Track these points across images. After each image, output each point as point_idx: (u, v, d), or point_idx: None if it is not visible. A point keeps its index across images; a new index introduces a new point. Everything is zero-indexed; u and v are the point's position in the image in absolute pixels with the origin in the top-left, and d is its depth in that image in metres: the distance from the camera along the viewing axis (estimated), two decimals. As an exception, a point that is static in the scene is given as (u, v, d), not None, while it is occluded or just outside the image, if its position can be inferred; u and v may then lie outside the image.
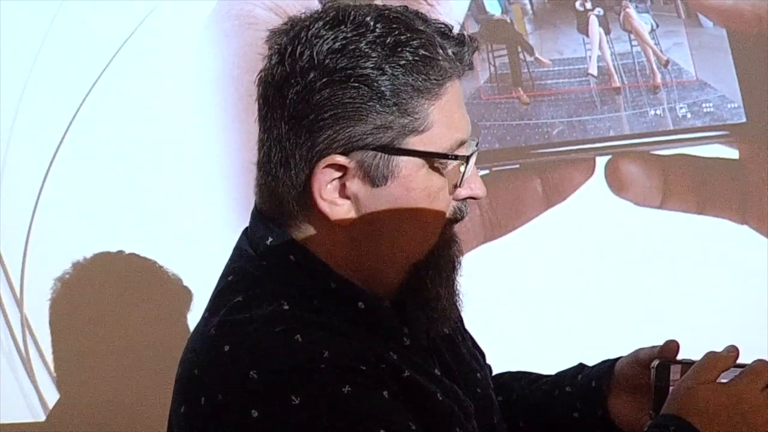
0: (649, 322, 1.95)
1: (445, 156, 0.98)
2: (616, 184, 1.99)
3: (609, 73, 2.00)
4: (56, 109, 1.90)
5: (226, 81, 1.92)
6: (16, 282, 1.89)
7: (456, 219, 1.04)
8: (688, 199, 2.00)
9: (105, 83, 1.90)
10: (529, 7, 2.01)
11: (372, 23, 0.95)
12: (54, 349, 1.89)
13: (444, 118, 0.97)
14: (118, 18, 1.90)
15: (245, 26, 1.92)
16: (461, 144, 0.99)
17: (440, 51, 0.96)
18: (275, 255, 1.02)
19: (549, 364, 1.36)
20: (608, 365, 1.20)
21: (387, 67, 0.94)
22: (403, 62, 0.94)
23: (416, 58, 0.95)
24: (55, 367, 1.89)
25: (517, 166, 1.97)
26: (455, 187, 1.01)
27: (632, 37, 2.02)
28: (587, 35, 2.01)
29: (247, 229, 1.09)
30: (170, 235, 1.88)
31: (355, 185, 0.97)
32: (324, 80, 0.95)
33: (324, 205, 0.98)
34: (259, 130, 1.03)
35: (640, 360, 1.17)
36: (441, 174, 0.99)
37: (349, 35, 0.95)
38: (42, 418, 1.89)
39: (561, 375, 1.26)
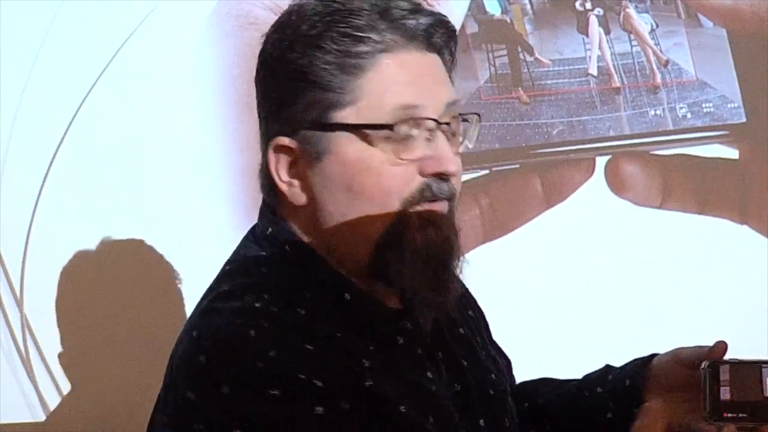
0: (649, 322, 1.95)
1: (372, 126, 1.00)
2: (616, 184, 1.99)
3: (609, 73, 2.00)
4: (56, 109, 1.90)
5: (226, 81, 1.92)
6: (16, 282, 1.89)
7: (425, 197, 1.02)
8: (688, 199, 2.00)
9: (105, 83, 1.90)
10: (529, 7, 2.01)
11: (311, 14, 1.04)
12: (54, 349, 1.88)
13: (377, 87, 1.01)
14: (118, 18, 1.90)
15: (245, 26, 1.92)
16: (405, 111, 1.01)
17: (371, 29, 1.01)
18: (272, 245, 1.06)
19: (549, 364, 1.36)
20: (641, 363, 1.20)
21: (309, 51, 1.02)
22: (324, 45, 1.01)
23: (338, 39, 1.01)
24: (55, 367, 1.89)
25: (517, 166, 1.97)
26: (406, 160, 1.01)
27: (632, 37, 2.02)
28: (587, 35, 2.01)
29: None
30: (170, 234, 1.88)
31: (302, 165, 1.03)
32: (266, 72, 1.07)
33: (283, 187, 1.04)
34: None
35: (681, 360, 1.16)
36: (377, 145, 1.01)
37: (287, 29, 1.06)
38: (42, 418, 1.89)
39: (588, 377, 1.25)
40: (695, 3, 2.03)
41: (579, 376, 1.34)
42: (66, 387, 1.88)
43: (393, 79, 1.02)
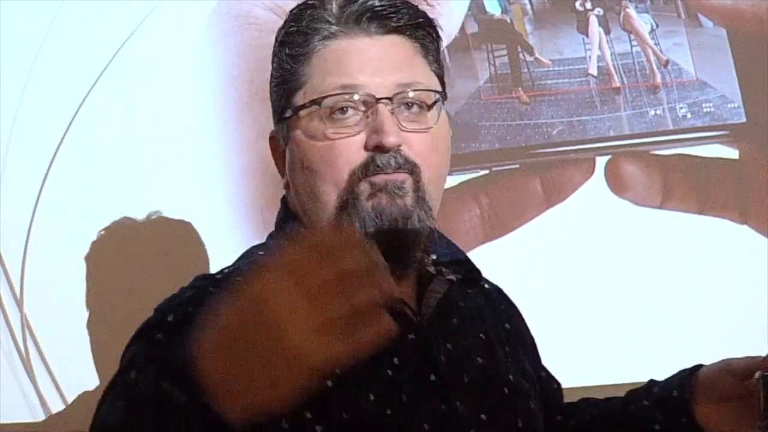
0: (649, 322, 1.95)
1: (304, 106, 1.09)
2: (616, 184, 1.99)
3: (609, 73, 2.00)
4: (56, 109, 1.90)
5: (226, 81, 1.92)
6: (16, 282, 1.89)
7: (370, 171, 1.06)
8: (688, 199, 2.00)
9: (105, 83, 1.90)
10: (529, 7, 2.01)
11: (287, 17, 1.14)
12: (54, 349, 1.88)
13: (319, 71, 1.09)
14: (118, 18, 1.90)
15: (245, 26, 1.92)
16: (343, 90, 1.07)
17: (320, 20, 1.10)
18: (279, 228, 1.18)
19: (549, 364, 1.36)
20: (687, 373, 1.21)
21: (278, 49, 1.13)
22: (285, 40, 1.12)
23: (293, 34, 1.12)
24: (55, 367, 1.89)
25: (517, 166, 1.97)
26: (344, 134, 1.06)
27: (632, 37, 2.02)
28: (587, 35, 2.01)
29: None
30: (170, 234, 1.88)
31: (285, 152, 1.14)
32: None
33: (280, 174, 1.16)
34: None
35: (732, 370, 1.16)
36: (318, 124, 1.08)
37: (275, 38, 1.16)
38: (42, 418, 1.89)
39: (633, 392, 1.28)
40: (695, 3, 2.03)
41: (579, 375, 1.35)
42: (66, 387, 1.88)
43: (333, 63, 1.09)
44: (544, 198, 1.97)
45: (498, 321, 1.23)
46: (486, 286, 1.28)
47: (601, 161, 1.99)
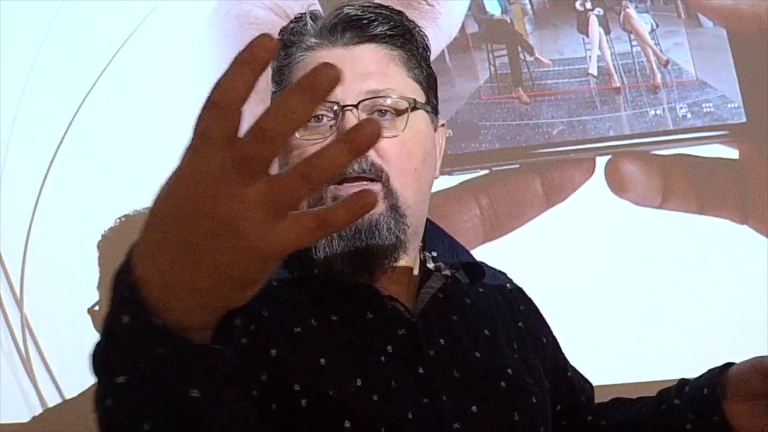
0: (649, 322, 1.95)
1: None
2: (616, 184, 1.99)
3: (609, 73, 2.00)
4: (56, 109, 1.90)
5: (226, 81, 1.91)
6: (16, 282, 1.89)
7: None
8: (688, 199, 2.00)
9: (105, 83, 1.90)
10: (529, 7, 2.01)
11: (278, 33, 1.16)
12: (54, 349, 1.89)
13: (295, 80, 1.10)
14: (118, 18, 1.90)
15: (245, 26, 1.92)
16: None
17: (300, 34, 1.14)
18: None
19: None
20: (718, 372, 1.22)
21: (272, 63, 1.14)
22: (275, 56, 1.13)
23: (280, 50, 1.14)
24: (55, 367, 1.89)
25: (517, 166, 1.97)
26: (311, 140, 1.08)
27: (632, 37, 2.02)
28: (587, 35, 2.01)
29: None
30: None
31: None
32: None
33: None
34: None
35: (763, 368, 1.17)
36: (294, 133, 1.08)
37: None
38: (42, 418, 1.89)
39: (664, 392, 1.28)
40: (695, 3, 2.03)
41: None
42: (66, 387, 1.88)
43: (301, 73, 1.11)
44: (544, 198, 1.97)
45: (512, 320, 1.24)
46: (508, 286, 1.30)
47: (601, 161, 1.99)
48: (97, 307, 1.85)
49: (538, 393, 1.18)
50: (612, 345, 1.93)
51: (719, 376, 1.21)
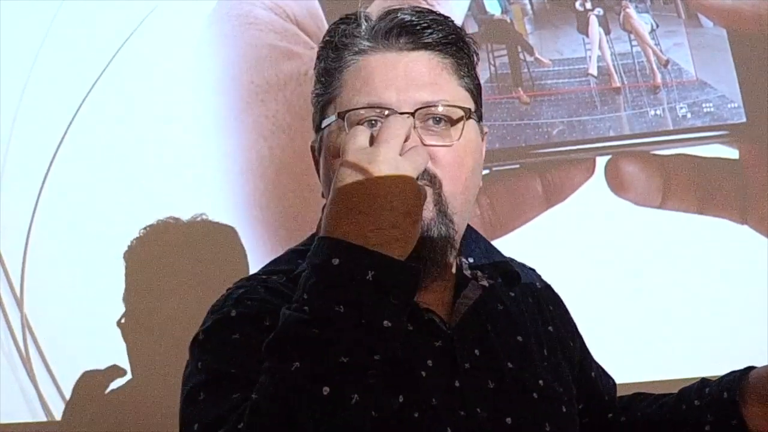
0: (649, 321, 1.95)
1: (333, 118, 1.11)
2: (616, 184, 1.99)
3: (609, 73, 2.00)
4: (56, 109, 1.90)
5: (226, 81, 1.92)
6: (16, 282, 1.89)
7: None
8: (688, 199, 2.00)
9: (105, 83, 1.91)
10: (529, 7, 2.01)
11: (325, 33, 1.17)
12: (54, 349, 1.89)
13: (349, 85, 1.12)
14: (118, 18, 1.90)
15: (245, 26, 1.92)
16: (367, 104, 1.09)
17: (352, 36, 1.13)
18: (314, 236, 1.16)
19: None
20: (738, 375, 1.22)
21: (316, 63, 1.16)
22: (321, 54, 1.16)
23: (322, 49, 1.15)
24: (55, 367, 1.89)
25: (517, 166, 1.97)
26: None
27: (632, 37, 2.02)
28: (587, 35, 2.01)
29: None
30: (170, 234, 1.88)
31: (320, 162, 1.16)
32: None
33: (319, 182, 1.16)
34: None
35: None
36: (342, 133, 1.09)
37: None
38: (42, 418, 1.89)
39: (685, 390, 1.28)
40: (695, 3, 2.03)
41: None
42: (66, 387, 1.88)
43: (362, 79, 1.11)
44: (544, 198, 1.97)
45: (541, 323, 1.24)
46: (537, 284, 1.30)
47: (601, 161, 1.99)
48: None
49: (568, 402, 1.19)
50: (611, 344, 1.93)
51: (740, 379, 1.21)
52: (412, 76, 1.10)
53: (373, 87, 1.10)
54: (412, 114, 1.08)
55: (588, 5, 2.02)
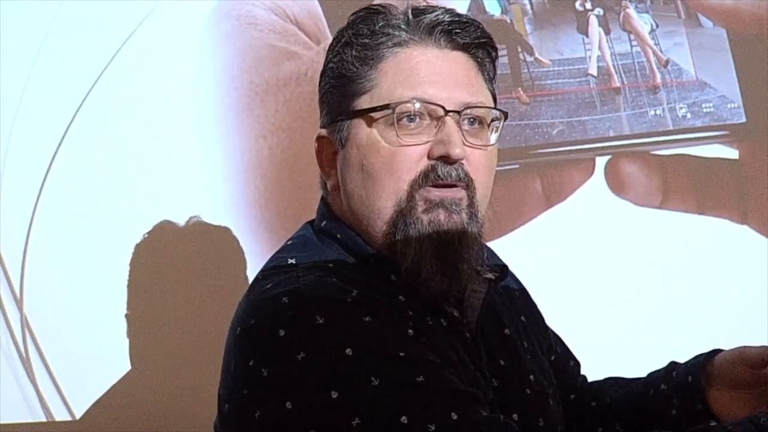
0: (649, 321, 1.95)
1: (375, 109, 1.09)
2: (616, 184, 1.99)
3: (609, 73, 2.00)
4: (56, 109, 1.90)
5: (226, 81, 1.92)
6: (16, 282, 1.89)
7: (431, 179, 1.08)
8: (688, 199, 2.00)
9: (105, 83, 1.90)
10: (529, 7, 2.01)
11: (352, 20, 1.15)
12: (54, 349, 1.89)
13: (391, 76, 1.10)
14: (118, 18, 1.90)
15: (245, 26, 1.92)
16: (412, 97, 1.08)
17: (390, 26, 1.12)
18: (327, 235, 1.14)
19: (549, 364, 1.37)
20: (701, 360, 1.23)
21: (342, 49, 1.13)
22: (351, 41, 1.13)
23: (361, 36, 1.12)
24: (55, 367, 1.89)
25: (517, 166, 1.97)
26: (411, 142, 1.08)
27: (632, 37, 2.02)
28: (587, 35, 2.01)
29: None
30: (170, 234, 1.88)
31: (335, 153, 1.13)
32: (321, 78, 1.17)
33: (325, 175, 1.16)
34: None
35: (746, 358, 1.20)
36: (385, 129, 1.08)
37: (336, 38, 1.16)
38: (42, 418, 1.89)
39: (653, 375, 1.29)
40: (695, 3, 2.03)
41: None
42: (66, 387, 1.88)
43: (405, 72, 1.10)
44: (543, 198, 1.97)
45: (516, 315, 1.25)
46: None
47: (601, 161, 1.99)
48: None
49: (552, 394, 1.20)
50: (612, 344, 1.93)
51: (704, 363, 1.22)
52: (455, 75, 1.11)
53: (419, 81, 1.10)
54: (459, 113, 1.09)
55: (588, 5, 2.02)
